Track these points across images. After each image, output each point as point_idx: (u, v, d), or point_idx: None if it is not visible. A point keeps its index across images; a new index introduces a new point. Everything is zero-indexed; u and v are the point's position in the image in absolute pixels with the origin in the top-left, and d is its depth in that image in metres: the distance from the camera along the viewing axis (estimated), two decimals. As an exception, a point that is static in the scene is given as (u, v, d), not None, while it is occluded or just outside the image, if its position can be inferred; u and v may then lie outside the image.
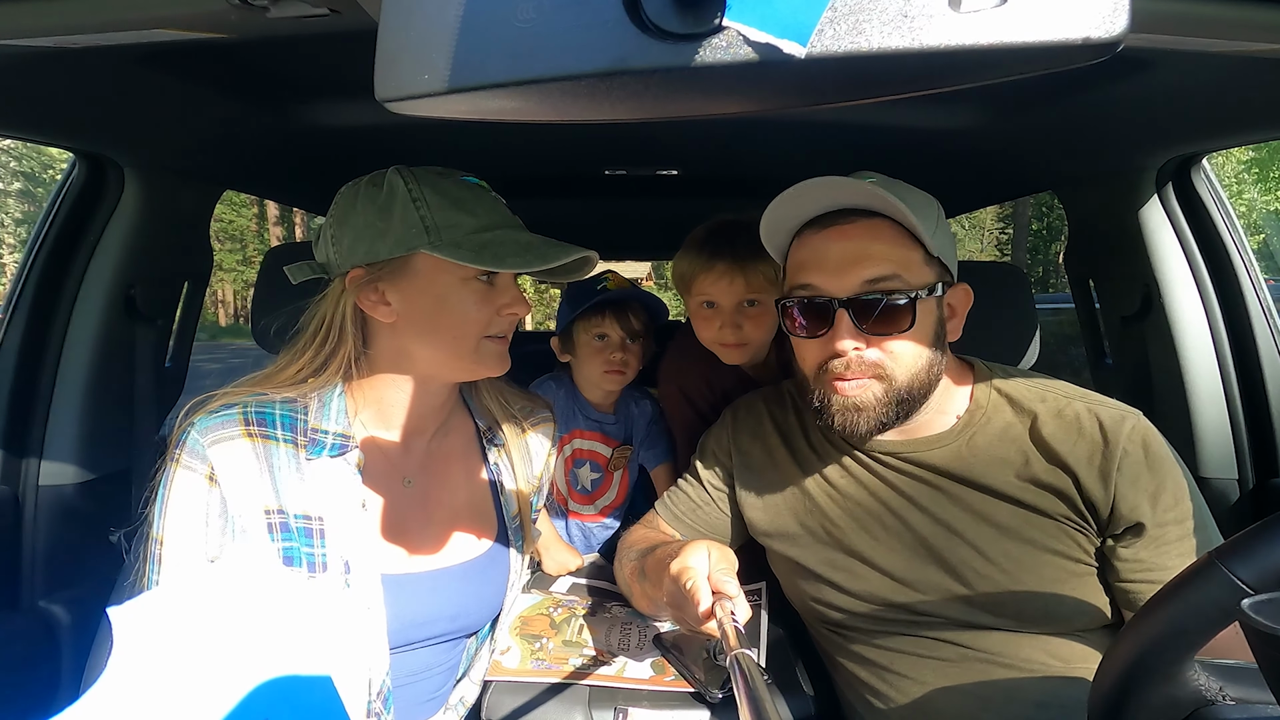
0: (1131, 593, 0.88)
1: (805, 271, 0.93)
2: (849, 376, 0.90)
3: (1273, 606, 0.47)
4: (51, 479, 1.29)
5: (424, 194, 0.90)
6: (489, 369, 0.98)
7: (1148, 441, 0.89)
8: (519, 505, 1.11)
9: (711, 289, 1.28)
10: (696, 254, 1.30)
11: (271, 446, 0.90)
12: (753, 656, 0.61)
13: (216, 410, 0.90)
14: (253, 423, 0.90)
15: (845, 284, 0.89)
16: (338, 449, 0.93)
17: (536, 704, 0.96)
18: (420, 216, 0.89)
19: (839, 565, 0.99)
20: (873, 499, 0.99)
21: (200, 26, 0.69)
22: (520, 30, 0.32)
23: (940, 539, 0.93)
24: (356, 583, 0.89)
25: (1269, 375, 1.35)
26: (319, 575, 0.88)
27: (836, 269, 0.89)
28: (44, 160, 16.15)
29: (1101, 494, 0.87)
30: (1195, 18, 0.62)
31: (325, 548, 0.89)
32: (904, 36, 0.29)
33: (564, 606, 1.18)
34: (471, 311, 0.93)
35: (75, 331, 1.32)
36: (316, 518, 0.90)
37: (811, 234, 0.94)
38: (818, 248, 0.93)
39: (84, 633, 1.26)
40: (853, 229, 0.91)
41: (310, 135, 1.28)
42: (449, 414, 1.08)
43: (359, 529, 0.92)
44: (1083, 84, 1.02)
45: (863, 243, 0.90)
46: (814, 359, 0.94)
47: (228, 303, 24.22)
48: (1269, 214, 13.76)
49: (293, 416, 0.93)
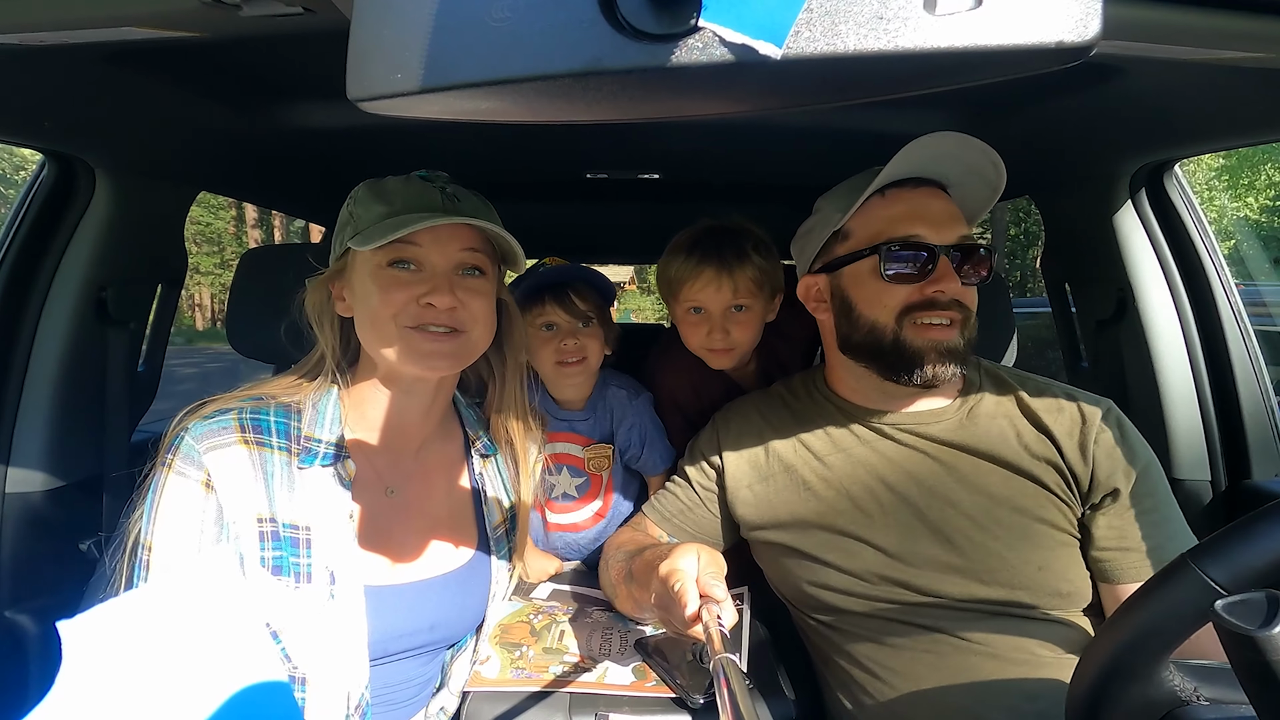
0: (1106, 563, 0.94)
1: (907, 223, 0.99)
2: (941, 318, 0.98)
3: (1245, 607, 0.48)
4: (19, 486, 1.26)
5: (359, 192, 0.93)
6: (414, 361, 0.92)
7: (1122, 424, 0.99)
8: (503, 515, 1.10)
9: (700, 295, 1.28)
10: (684, 260, 1.29)
11: (266, 454, 0.89)
12: (737, 662, 0.61)
13: (212, 416, 0.88)
14: (248, 429, 0.89)
15: (948, 235, 0.99)
16: (330, 458, 0.92)
17: (516, 712, 0.95)
18: (350, 213, 0.93)
19: (835, 545, 1.01)
20: (870, 476, 1.02)
21: (171, 25, 0.68)
22: (494, 29, 0.31)
23: (935, 510, 0.97)
24: (341, 594, 0.88)
25: (1240, 378, 1.37)
26: (304, 586, 0.87)
27: (940, 222, 0.99)
28: (15, 161, 15.86)
29: (1081, 465, 0.96)
30: (1168, 26, 0.63)
31: (311, 558, 0.88)
32: (879, 38, 0.29)
33: (544, 613, 1.17)
34: (378, 298, 0.91)
35: (44, 335, 1.28)
36: (304, 527, 0.88)
37: (903, 191, 1.02)
38: (919, 203, 1.01)
39: (51, 643, 1.22)
40: (939, 193, 1.02)
41: (286, 137, 1.27)
42: (438, 424, 1.07)
43: (345, 540, 0.90)
44: (1057, 90, 1.04)
45: (952, 205, 1.02)
46: (899, 302, 0.99)
47: (205, 306, 23.91)
48: (1240, 220, 14.06)
49: (287, 423, 0.92)
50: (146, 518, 0.84)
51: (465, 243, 0.94)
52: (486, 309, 0.97)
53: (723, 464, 1.14)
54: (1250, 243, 13.20)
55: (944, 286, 0.97)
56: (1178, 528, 0.96)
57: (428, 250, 0.92)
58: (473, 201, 0.96)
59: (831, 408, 1.10)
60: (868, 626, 0.99)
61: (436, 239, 0.92)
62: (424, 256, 0.92)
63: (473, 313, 0.94)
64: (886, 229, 1.00)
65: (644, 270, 25.54)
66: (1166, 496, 0.97)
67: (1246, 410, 1.37)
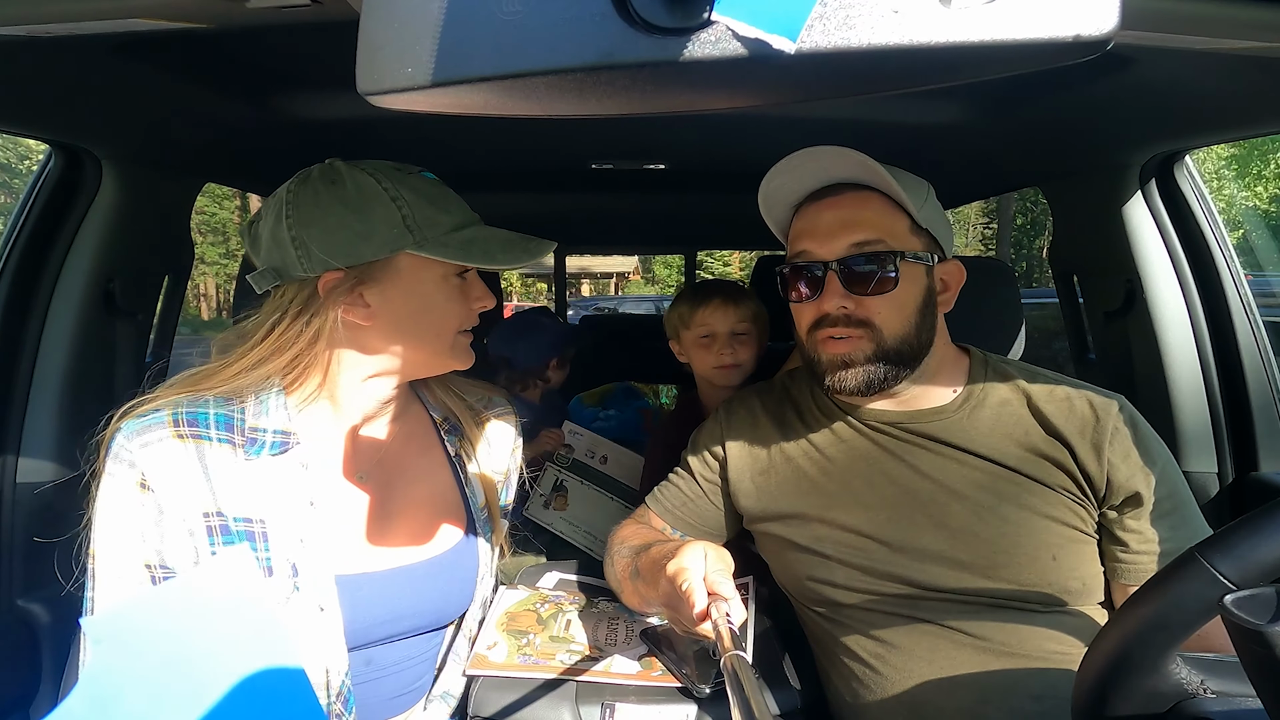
0: (1130, 565, 0.93)
1: (800, 240, 1.00)
2: (838, 334, 0.97)
3: (1255, 602, 0.48)
4: (29, 476, 1.27)
5: (401, 193, 0.88)
6: (461, 362, 0.99)
7: (1135, 420, 0.96)
8: (486, 495, 1.09)
9: (710, 319, 1.55)
10: (691, 298, 1.60)
11: (204, 447, 0.86)
12: (747, 660, 0.61)
13: (144, 414, 0.85)
14: (183, 423, 0.85)
15: (834, 248, 0.96)
16: (278, 447, 0.89)
17: (523, 700, 0.96)
18: (403, 216, 0.87)
19: (835, 539, 1.00)
20: (872, 469, 1.01)
21: (179, 16, 0.68)
22: (506, 23, 0.31)
23: (939, 505, 0.96)
24: (306, 585, 0.86)
25: (1249, 370, 1.36)
26: (265, 579, 0.85)
27: (827, 235, 0.97)
28: (20, 151, 15.86)
29: (1095, 467, 0.93)
30: (1181, 15, 0.62)
31: (269, 550, 0.86)
32: (894, 33, 0.29)
33: (551, 602, 1.17)
34: (452, 308, 0.95)
35: (52, 327, 1.29)
36: (258, 520, 0.86)
37: (807, 206, 1.03)
38: (812, 218, 1.01)
39: (63, 631, 1.24)
40: (843, 200, 0.99)
41: (293, 128, 1.27)
42: (402, 407, 1.05)
43: (307, 529, 0.88)
44: (1068, 81, 1.03)
45: (851, 211, 0.98)
46: (807, 320, 1.00)
47: (210, 296, 23.94)
48: (1249, 209, 13.94)
49: (229, 415, 0.88)
50: (93, 525, 0.82)
51: None
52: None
53: (726, 455, 1.13)
54: (1260, 232, 13.09)
55: (825, 305, 0.96)
56: (1198, 526, 0.95)
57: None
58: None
59: (830, 404, 1.10)
60: (869, 620, 0.98)
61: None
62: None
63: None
64: (789, 247, 1.04)
65: (649, 261, 25.52)
66: (1186, 495, 0.95)
67: (1255, 402, 1.36)
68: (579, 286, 23.97)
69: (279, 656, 0.69)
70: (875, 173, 0.94)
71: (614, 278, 25.41)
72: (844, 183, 1.00)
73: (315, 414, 0.95)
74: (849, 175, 0.99)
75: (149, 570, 0.82)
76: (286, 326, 0.89)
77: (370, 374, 0.95)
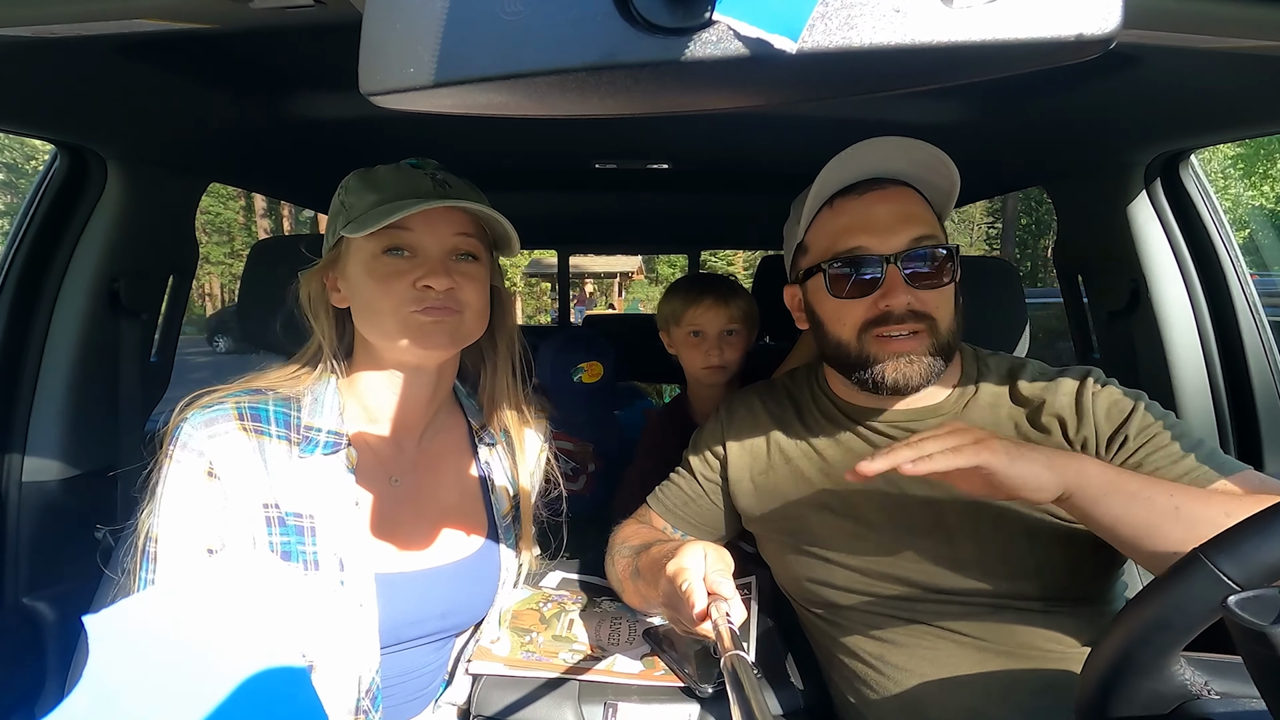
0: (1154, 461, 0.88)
1: (850, 235, 0.96)
2: (901, 330, 0.94)
3: (1258, 603, 0.47)
4: (35, 475, 1.27)
5: (350, 180, 0.93)
6: (420, 344, 0.92)
7: (1108, 381, 0.97)
8: (510, 504, 1.11)
9: (700, 319, 1.54)
10: (685, 293, 1.58)
11: (265, 442, 0.90)
12: (747, 660, 0.61)
13: (210, 405, 0.89)
14: (247, 417, 0.90)
15: (894, 242, 0.94)
16: (331, 447, 0.93)
17: (526, 699, 0.96)
18: (341, 201, 0.93)
19: (834, 540, 1.00)
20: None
21: (183, 17, 0.68)
22: (508, 23, 0.31)
23: (935, 505, 0.96)
24: (350, 580, 0.89)
25: (1254, 370, 1.36)
26: (311, 573, 0.88)
27: (886, 228, 0.94)
28: (26, 151, 15.92)
29: (1088, 428, 0.93)
30: (1186, 14, 0.62)
31: (316, 545, 0.89)
32: (896, 33, 0.29)
33: (554, 601, 1.17)
34: (375, 288, 0.91)
35: (58, 326, 1.30)
36: (308, 515, 0.89)
37: (849, 200, 0.98)
38: (861, 211, 0.96)
39: (68, 630, 1.24)
40: (892, 193, 0.97)
41: (296, 127, 1.27)
42: (438, 412, 1.07)
43: (351, 527, 0.91)
44: (1072, 80, 1.02)
45: (904, 204, 0.96)
46: (859, 317, 0.97)
47: (215, 296, 24.00)
48: (1254, 209, 13.88)
49: (286, 413, 0.92)
50: (154, 509, 0.85)
51: (458, 227, 0.94)
52: (480, 294, 0.97)
53: (726, 454, 1.13)
54: (1265, 232, 13.04)
55: (892, 302, 0.93)
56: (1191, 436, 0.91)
57: (420, 235, 0.92)
58: (462, 186, 0.96)
59: (830, 404, 1.09)
60: (869, 621, 0.98)
61: (429, 223, 0.92)
62: (417, 241, 0.92)
63: (467, 297, 0.95)
64: (832, 243, 0.98)
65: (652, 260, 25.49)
66: (1172, 419, 0.92)
67: (1260, 402, 1.36)
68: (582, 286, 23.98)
69: (281, 656, 0.70)
70: (944, 167, 0.96)
71: (617, 277, 25.40)
72: (878, 177, 0.98)
73: (355, 414, 0.99)
74: (894, 169, 0.98)
75: (211, 555, 0.86)
76: (314, 317, 0.99)
77: (380, 366, 0.98)
